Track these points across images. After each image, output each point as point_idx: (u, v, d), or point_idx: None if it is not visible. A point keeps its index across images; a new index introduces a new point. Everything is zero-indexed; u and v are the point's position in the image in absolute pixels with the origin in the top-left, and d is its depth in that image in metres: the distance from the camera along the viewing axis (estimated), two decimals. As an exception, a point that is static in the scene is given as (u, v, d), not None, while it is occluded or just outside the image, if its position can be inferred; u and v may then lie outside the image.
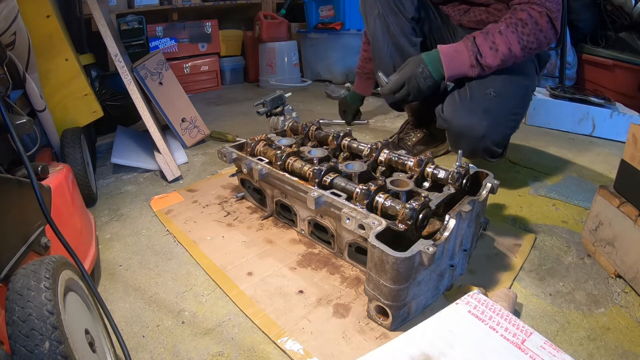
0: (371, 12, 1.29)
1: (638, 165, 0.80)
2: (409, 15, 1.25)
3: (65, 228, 0.71)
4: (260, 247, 0.96)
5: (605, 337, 0.72)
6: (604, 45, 2.03)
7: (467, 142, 1.12)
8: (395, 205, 0.76)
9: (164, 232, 1.05)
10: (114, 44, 1.28)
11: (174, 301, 0.81)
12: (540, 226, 1.05)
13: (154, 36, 2.44)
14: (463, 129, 1.11)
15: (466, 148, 1.15)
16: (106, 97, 1.68)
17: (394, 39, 1.27)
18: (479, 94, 1.10)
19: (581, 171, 1.38)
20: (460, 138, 1.13)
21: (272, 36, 2.70)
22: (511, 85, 1.11)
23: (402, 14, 1.25)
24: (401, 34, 1.27)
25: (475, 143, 1.11)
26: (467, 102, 1.12)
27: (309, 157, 1.00)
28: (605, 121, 1.72)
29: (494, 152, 1.15)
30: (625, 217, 0.81)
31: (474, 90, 1.12)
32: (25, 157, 0.62)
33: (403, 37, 1.27)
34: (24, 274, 0.48)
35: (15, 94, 0.96)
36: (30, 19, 1.05)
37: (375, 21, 1.29)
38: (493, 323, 0.61)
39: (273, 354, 0.69)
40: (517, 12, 1.02)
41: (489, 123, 1.08)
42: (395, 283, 0.66)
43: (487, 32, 1.02)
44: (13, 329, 0.43)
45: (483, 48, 1.02)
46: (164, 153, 1.33)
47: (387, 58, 1.31)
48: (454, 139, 1.18)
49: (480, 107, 1.09)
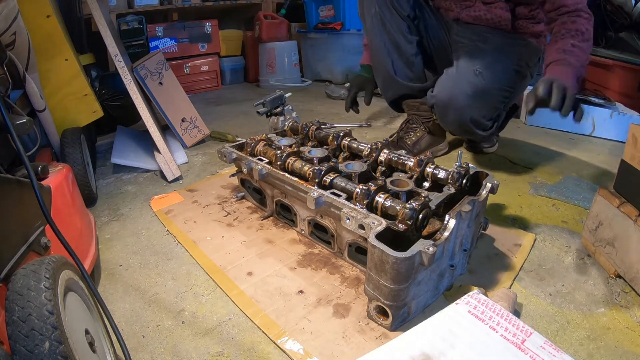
0: (368, 11, 1.31)
1: (638, 165, 0.80)
2: (405, 13, 1.27)
3: (65, 228, 0.71)
4: (260, 247, 0.96)
5: (605, 337, 0.72)
6: (604, 45, 2.03)
7: (452, 113, 1.17)
8: (395, 205, 0.76)
9: (164, 232, 1.05)
10: (114, 44, 1.28)
11: (174, 301, 0.81)
12: (540, 226, 1.05)
13: (154, 36, 2.44)
14: (448, 100, 1.16)
15: (452, 119, 1.20)
16: (106, 97, 1.68)
17: (390, 36, 1.29)
18: (466, 70, 1.16)
19: (581, 171, 1.38)
20: (447, 110, 1.18)
21: (272, 36, 2.70)
22: (499, 64, 1.15)
23: (398, 12, 1.27)
24: (398, 31, 1.28)
25: (461, 114, 1.15)
26: (454, 77, 1.18)
27: (309, 157, 1.00)
28: (605, 121, 1.72)
29: (482, 124, 1.19)
30: (625, 217, 0.81)
31: (461, 67, 1.18)
32: (25, 157, 0.62)
33: (400, 35, 1.29)
34: (24, 274, 0.48)
35: (15, 94, 0.96)
36: (30, 19, 1.05)
37: (372, 20, 1.30)
38: (493, 323, 0.61)
39: (273, 354, 0.69)
40: (568, 24, 1.06)
41: (474, 93, 1.13)
42: (395, 283, 0.66)
43: (564, 49, 1.04)
44: (13, 329, 0.43)
45: (577, 64, 1.03)
46: (164, 153, 1.33)
47: (386, 55, 1.32)
48: (441, 112, 1.22)
49: (465, 79, 1.14)
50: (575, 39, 1.04)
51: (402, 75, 1.37)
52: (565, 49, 1.04)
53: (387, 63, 1.34)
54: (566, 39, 1.05)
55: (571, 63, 1.02)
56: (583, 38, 1.05)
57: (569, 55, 1.03)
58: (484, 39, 1.26)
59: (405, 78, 1.37)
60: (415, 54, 1.35)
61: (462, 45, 1.30)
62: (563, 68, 1.02)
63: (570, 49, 1.03)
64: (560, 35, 1.07)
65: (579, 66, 1.02)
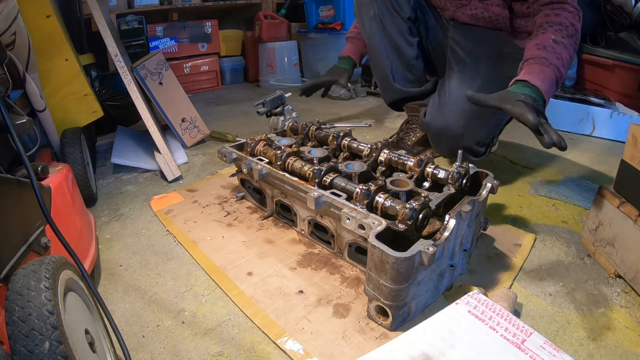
0: (367, 13, 1.28)
1: (638, 165, 0.80)
2: (405, 15, 1.24)
3: (65, 228, 0.71)
4: (260, 247, 0.96)
5: (605, 337, 0.72)
6: (604, 45, 2.02)
7: (446, 141, 1.13)
8: (395, 205, 0.76)
9: (164, 232, 1.05)
10: (114, 44, 1.28)
11: (174, 301, 0.81)
12: (540, 226, 1.05)
13: (154, 36, 2.44)
14: (442, 129, 1.12)
15: (446, 147, 1.17)
16: (106, 97, 1.68)
17: (390, 38, 1.27)
18: (458, 95, 1.10)
19: (581, 171, 1.38)
20: (440, 138, 1.14)
21: (272, 36, 2.70)
22: (494, 86, 1.05)
23: (398, 14, 1.24)
24: (398, 33, 1.25)
25: (454, 142, 1.11)
26: (446, 104, 1.13)
27: (309, 157, 1.00)
28: (605, 121, 1.72)
29: (476, 151, 1.15)
30: (625, 217, 0.81)
31: (453, 92, 1.13)
32: (25, 157, 0.62)
33: (400, 37, 1.26)
34: (24, 274, 0.48)
35: (15, 94, 0.96)
36: (30, 19, 1.05)
37: (371, 22, 1.28)
38: (493, 323, 0.61)
39: (273, 354, 0.69)
40: (552, 17, 0.96)
41: (467, 122, 1.09)
42: (395, 283, 0.66)
43: (544, 45, 0.94)
44: (13, 329, 0.43)
45: (557, 63, 0.93)
46: (164, 153, 1.33)
47: (385, 58, 1.31)
48: (434, 139, 1.19)
49: (459, 107, 1.09)
50: (558, 34, 0.95)
51: (400, 80, 1.35)
52: (546, 45, 0.94)
53: (386, 67, 1.32)
54: (547, 34, 0.96)
55: (551, 62, 0.93)
56: (567, 33, 0.95)
57: (549, 53, 0.93)
58: (479, 50, 1.18)
59: (404, 82, 1.35)
60: (416, 57, 1.32)
61: (455, 57, 1.23)
62: (541, 69, 0.92)
63: (551, 44, 0.94)
64: (542, 29, 0.97)
65: (559, 66, 0.93)
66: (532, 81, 0.89)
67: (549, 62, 0.92)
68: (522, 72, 0.93)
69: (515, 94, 0.86)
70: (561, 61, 0.93)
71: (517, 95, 0.86)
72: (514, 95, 0.86)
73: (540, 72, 0.91)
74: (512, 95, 0.87)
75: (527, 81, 0.90)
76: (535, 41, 0.96)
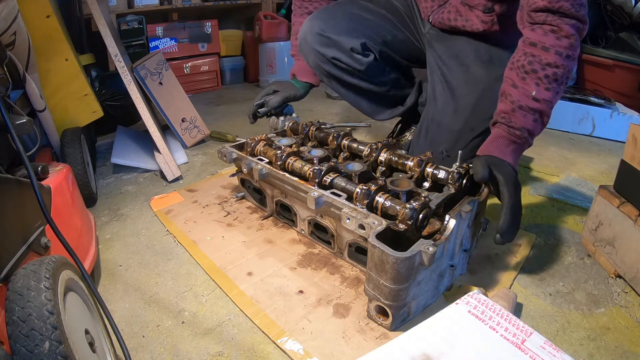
0: (317, 68, 1.23)
1: (638, 165, 0.80)
2: (361, 67, 1.14)
3: (65, 228, 0.71)
4: (260, 247, 0.96)
5: (605, 337, 0.72)
6: (604, 45, 2.03)
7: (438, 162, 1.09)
8: (395, 205, 0.76)
9: (164, 232, 1.05)
10: (114, 44, 1.28)
11: (174, 301, 0.81)
12: (540, 226, 1.05)
13: (154, 36, 2.43)
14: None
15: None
16: (106, 97, 1.68)
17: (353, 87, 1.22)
18: (432, 148, 1.07)
19: (581, 171, 1.38)
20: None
21: (272, 36, 2.70)
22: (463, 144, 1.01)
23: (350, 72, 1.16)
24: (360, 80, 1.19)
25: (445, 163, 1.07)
26: (424, 148, 1.09)
27: (309, 157, 1.00)
28: (605, 121, 1.72)
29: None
30: (625, 217, 0.81)
31: (425, 149, 1.08)
32: (25, 157, 0.62)
33: (365, 83, 1.20)
34: (24, 274, 0.48)
35: (15, 94, 0.96)
36: (30, 19, 1.05)
37: (325, 79, 1.25)
38: (493, 323, 0.61)
39: (273, 354, 0.69)
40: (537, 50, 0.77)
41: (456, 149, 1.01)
42: (396, 283, 0.66)
43: (522, 107, 0.79)
44: (13, 329, 0.43)
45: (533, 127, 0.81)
46: (164, 153, 1.33)
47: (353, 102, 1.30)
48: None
49: (436, 158, 1.04)
50: (542, 83, 0.76)
51: (380, 113, 1.31)
52: (523, 106, 0.78)
53: (360, 107, 1.29)
54: (528, 84, 0.77)
55: (525, 140, 0.80)
56: (555, 77, 0.76)
57: (528, 120, 0.78)
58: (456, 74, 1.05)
59: (384, 112, 1.32)
60: (389, 90, 1.23)
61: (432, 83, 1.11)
62: (512, 149, 0.80)
63: (533, 105, 0.77)
64: (522, 70, 0.78)
65: (535, 135, 0.81)
66: (502, 157, 0.80)
67: (523, 138, 0.81)
68: (487, 147, 0.83)
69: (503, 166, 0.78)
70: (539, 128, 0.82)
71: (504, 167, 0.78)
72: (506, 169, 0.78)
73: (508, 157, 0.81)
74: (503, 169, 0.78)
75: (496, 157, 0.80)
76: (510, 94, 0.81)
